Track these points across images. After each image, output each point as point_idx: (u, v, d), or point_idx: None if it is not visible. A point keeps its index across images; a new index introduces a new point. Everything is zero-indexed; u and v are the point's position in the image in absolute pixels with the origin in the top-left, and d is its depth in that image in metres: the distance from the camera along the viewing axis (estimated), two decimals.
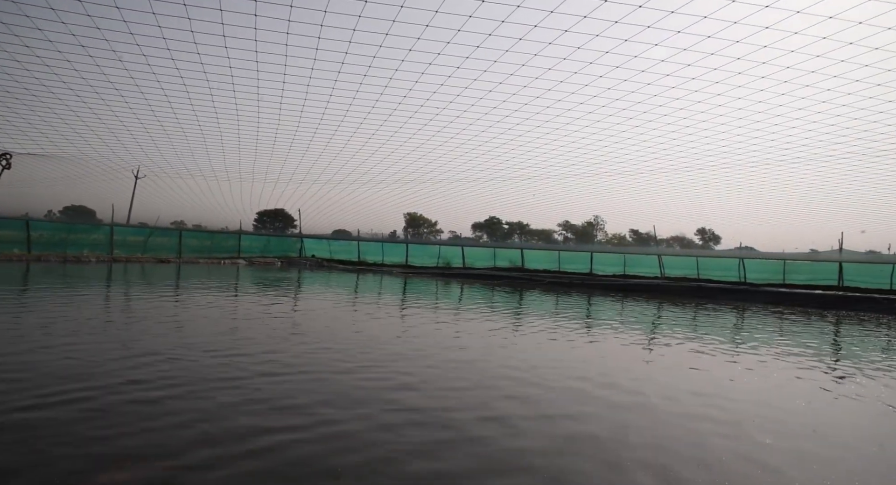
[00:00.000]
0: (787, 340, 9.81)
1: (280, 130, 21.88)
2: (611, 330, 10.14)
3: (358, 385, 5.08)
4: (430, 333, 8.74)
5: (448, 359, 6.56)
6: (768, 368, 7.12)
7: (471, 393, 5.02)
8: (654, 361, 7.29)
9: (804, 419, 4.71)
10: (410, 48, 13.57)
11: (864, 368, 7.39)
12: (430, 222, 73.28)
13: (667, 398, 5.15)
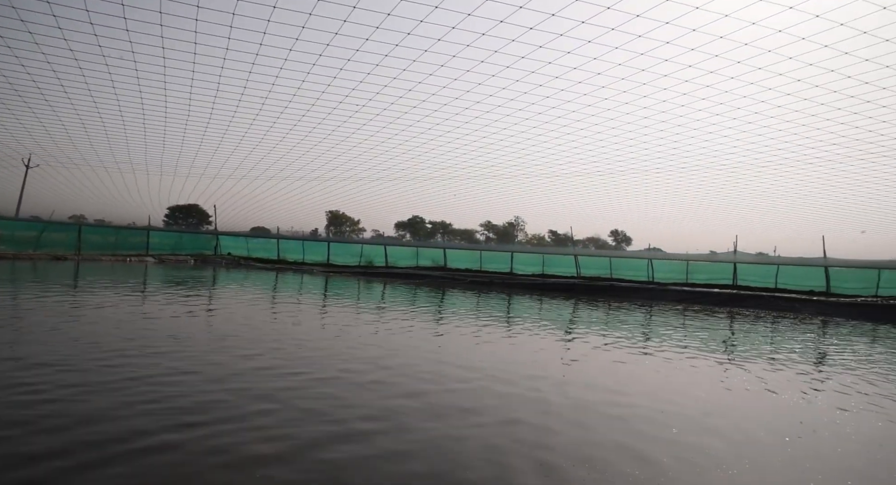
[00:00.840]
0: (683, 335, 10.44)
1: (191, 122, 20.65)
2: (522, 327, 10.35)
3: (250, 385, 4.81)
4: (339, 332, 8.52)
5: (359, 357, 6.39)
6: (662, 360, 7.52)
7: (370, 393, 4.90)
8: (553, 354, 7.49)
9: (700, 409, 4.98)
10: (328, 43, 13.24)
11: (749, 357, 7.99)
12: (352, 221, 72.23)
13: (560, 392, 5.28)
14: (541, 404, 4.91)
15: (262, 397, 4.63)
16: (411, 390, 5.19)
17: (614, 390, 5.68)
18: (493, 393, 5.23)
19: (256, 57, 14.34)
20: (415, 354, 7.11)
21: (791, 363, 8.04)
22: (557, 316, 13.46)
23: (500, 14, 11.12)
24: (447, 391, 5.21)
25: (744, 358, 8.35)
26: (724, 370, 7.26)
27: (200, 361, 5.82)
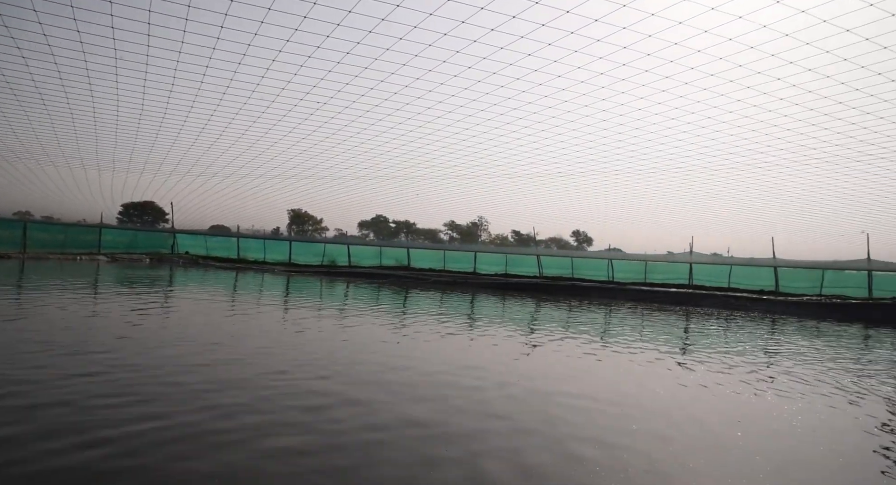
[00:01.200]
0: (636, 332, 10.69)
1: (145, 116, 19.94)
2: (472, 325, 10.41)
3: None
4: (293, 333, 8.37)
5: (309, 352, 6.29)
6: (606, 356, 7.68)
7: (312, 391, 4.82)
8: (504, 350, 7.57)
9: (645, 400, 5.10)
10: (288, 39, 12.98)
11: (691, 353, 8.24)
12: (315, 220, 71.21)
13: (500, 385, 5.32)
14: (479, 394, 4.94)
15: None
16: (353, 398, 5.14)
17: (549, 384, 5.75)
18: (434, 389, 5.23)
19: (214, 51, 13.96)
20: (359, 350, 7.06)
21: (731, 359, 8.33)
22: (518, 315, 13.59)
23: (461, 14, 11.14)
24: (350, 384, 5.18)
25: (686, 354, 8.60)
26: (662, 365, 7.45)
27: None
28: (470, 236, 71.97)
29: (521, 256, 28.32)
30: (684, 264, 24.57)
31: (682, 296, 22.79)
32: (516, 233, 71.37)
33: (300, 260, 31.89)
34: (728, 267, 24.03)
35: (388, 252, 31.71)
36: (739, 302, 21.56)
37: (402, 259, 30.50)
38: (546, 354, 8.16)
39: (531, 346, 8.84)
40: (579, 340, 9.43)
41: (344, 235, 44.20)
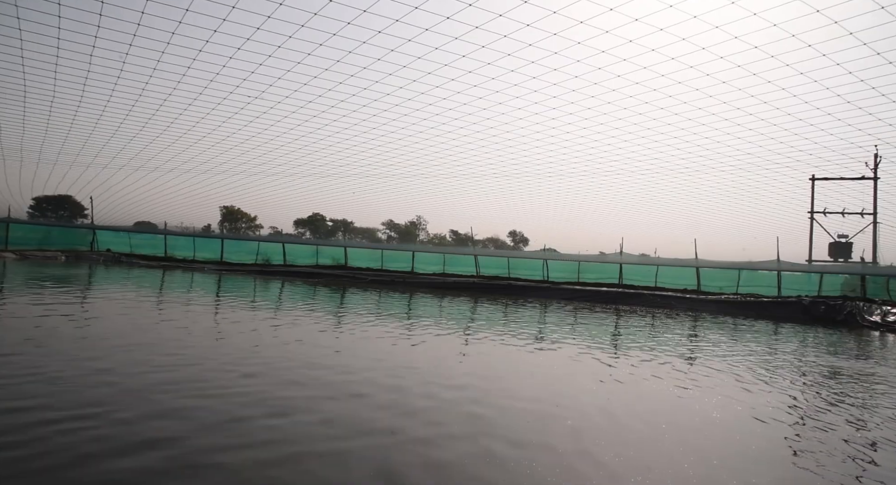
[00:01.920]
0: (565, 331, 10.97)
1: (57, 103, 18.56)
2: (420, 325, 10.35)
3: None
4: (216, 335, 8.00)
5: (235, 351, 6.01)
6: (538, 354, 7.84)
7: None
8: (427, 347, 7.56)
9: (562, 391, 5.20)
10: (216, 29, 12.44)
11: (609, 348, 8.55)
12: (249, 217, 68.72)
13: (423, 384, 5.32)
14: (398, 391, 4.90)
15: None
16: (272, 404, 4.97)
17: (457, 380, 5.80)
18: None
19: (134, 38, 13.18)
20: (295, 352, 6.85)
21: (650, 354, 8.70)
22: (454, 314, 13.64)
23: (396, 13, 11.05)
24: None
25: (608, 350, 8.90)
26: (585, 361, 7.68)
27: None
28: (408, 236, 71.52)
29: (459, 256, 28.48)
30: (615, 265, 25.49)
31: (612, 295, 23.64)
32: (454, 232, 71.65)
33: (233, 259, 30.78)
34: (655, 267, 25.12)
35: (326, 251, 31.12)
36: (665, 300, 22.62)
37: (339, 258, 30.02)
38: (472, 352, 8.21)
39: (460, 344, 8.87)
40: (508, 338, 9.56)
41: (279, 234, 42.93)
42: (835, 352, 10.88)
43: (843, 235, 26.20)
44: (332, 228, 70.86)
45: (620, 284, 25.21)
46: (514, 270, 26.99)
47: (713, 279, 24.67)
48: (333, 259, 30.23)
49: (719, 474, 3.73)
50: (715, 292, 23.68)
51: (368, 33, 11.96)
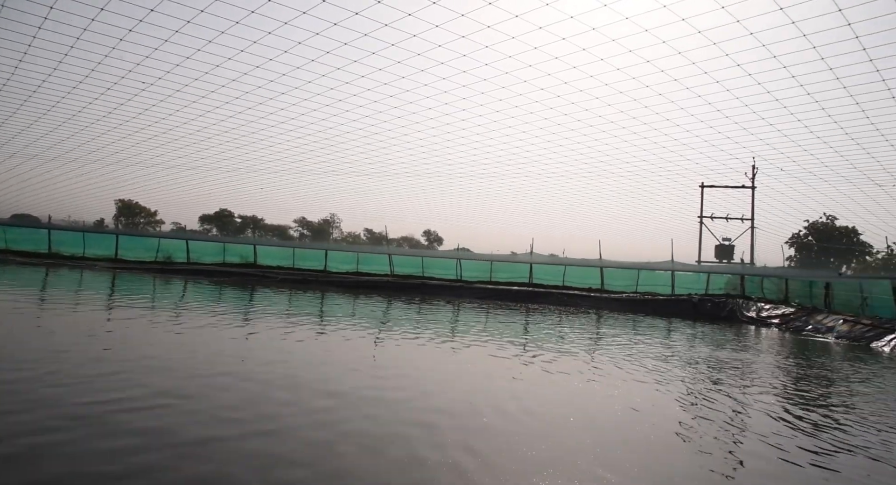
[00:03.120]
0: (473, 328, 11.13)
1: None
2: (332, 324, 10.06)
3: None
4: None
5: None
6: (439, 352, 7.88)
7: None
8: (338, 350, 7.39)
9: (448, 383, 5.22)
10: (103, 7, 11.41)
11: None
12: (148, 212, 63.85)
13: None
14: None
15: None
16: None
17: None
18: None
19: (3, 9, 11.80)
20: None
21: (548, 350, 9.03)
22: (366, 312, 13.43)
23: (303, 5, 10.70)
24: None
25: (509, 347, 9.12)
26: (483, 358, 7.83)
27: None
28: (322, 234, 69.49)
29: (373, 255, 28.17)
30: (525, 264, 26.30)
31: (523, 294, 24.38)
32: (369, 231, 70.55)
33: (129, 256, 28.63)
34: (563, 267, 26.20)
35: (234, 249, 29.69)
36: (572, 299, 23.65)
37: (248, 256, 28.74)
38: (367, 351, 8.10)
39: (360, 341, 8.73)
40: (411, 335, 9.54)
41: (183, 230, 40.43)
42: (718, 345, 11.87)
43: (727, 238, 28.71)
44: (240, 225, 67.31)
45: (531, 283, 26.04)
46: (428, 269, 27.11)
47: (616, 279, 26.08)
48: (242, 257, 28.93)
49: (594, 462, 3.87)
50: (617, 291, 25.07)
51: (274, 24, 11.50)
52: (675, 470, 3.94)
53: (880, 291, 17.78)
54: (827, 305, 19.85)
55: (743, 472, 3.98)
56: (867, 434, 5.18)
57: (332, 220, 70.30)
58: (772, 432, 5.05)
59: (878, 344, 13.64)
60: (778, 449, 4.52)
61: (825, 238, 35.47)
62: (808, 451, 4.53)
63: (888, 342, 13.52)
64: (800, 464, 4.19)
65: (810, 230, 36.43)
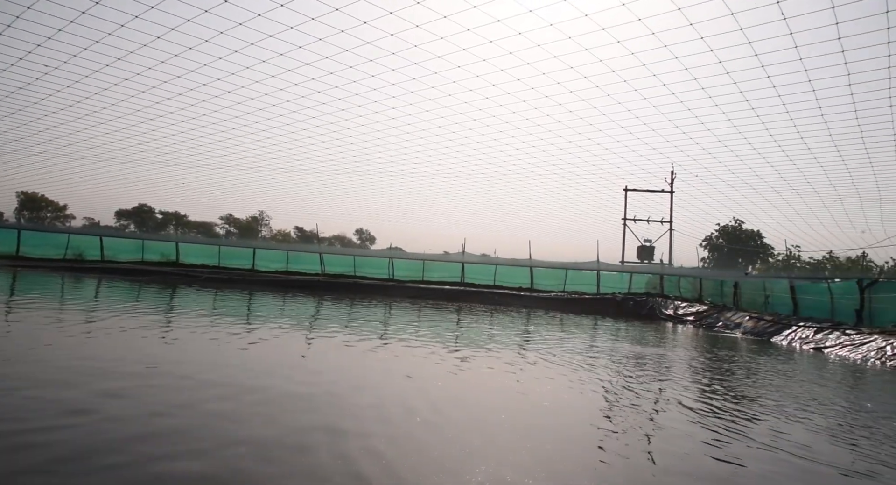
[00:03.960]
0: (400, 327, 11.10)
1: None
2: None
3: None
4: None
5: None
6: (343, 347, 7.80)
7: None
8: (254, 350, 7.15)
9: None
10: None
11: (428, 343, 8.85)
12: (56, 206, 59.04)
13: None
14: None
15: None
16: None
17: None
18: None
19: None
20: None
21: (474, 348, 9.17)
22: (292, 312, 13.07)
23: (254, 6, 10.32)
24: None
25: (432, 345, 9.18)
26: (407, 356, 7.84)
27: None
28: (250, 232, 66.76)
29: (303, 254, 27.55)
30: (457, 264, 26.59)
31: (454, 293, 24.62)
32: (299, 229, 68.52)
33: (34, 253, 26.51)
34: (494, 267, 26.70)
35: (154, 246, 28.14)
36: (503, 298, 24.13)
37: (170, 254, 27.32)
38: (286, 350, 7.90)
39: (279, 341, 8.49)
40: (336, 334, 9.39)
41: (96, 226, 37.77)
42: (637, 341, 12.49)
43: (648, 239, 30.30)
44: (162, 221, 63.44)
45: (463, 282, 26.34)
46: (360, 268, 26.85)
47: (545, 278, 26.85)
48: (163, 255, 27.48)
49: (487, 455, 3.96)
50: (546, 290, 25.82)
51: (195, 11, 10.97)
52: (584, 465, 4.08)
53: (780, 290, 19.30)
54: (735, 303, 21.34)
55: (653, 461, 4.19)
56: (765, 422, 5.62)
57: (261, 217, 67.77)
58: (681, 421, 5.36)
59: (777, 338, 14.82)
60: (688, 437, 4.80)
61: (734, 240, 38.23)
62: (713, 439, 4.85)
63: (786, 336, 14.72)
64: (707, 452, 4.47)
65: (721, 233, 39.15)
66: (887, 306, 14.46)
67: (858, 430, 5.48)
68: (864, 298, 14.95)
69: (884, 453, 4.71)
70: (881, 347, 11.86)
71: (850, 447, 4.83)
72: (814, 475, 4.05)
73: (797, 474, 4.03)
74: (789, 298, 17.98)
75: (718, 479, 3.82)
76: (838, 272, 27.48)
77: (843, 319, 15.33)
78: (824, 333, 13.85)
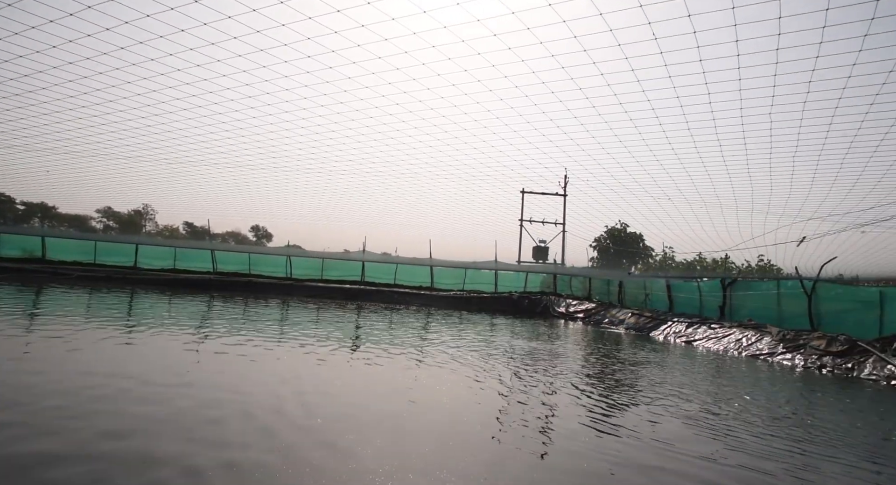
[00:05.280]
0: (294, 327, 10.83)
1: None
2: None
3: None
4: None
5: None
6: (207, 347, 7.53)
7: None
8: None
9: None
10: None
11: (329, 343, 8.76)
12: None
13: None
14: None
15: None
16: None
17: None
18: None
19: None
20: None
21: (368, 346, 9.18)
22: (177, 312, 12.25)
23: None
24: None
25: (330, 344, 9.07)
26: (297, 357, 7.70)
27: None
28: (132, 226, 61.10)
29: (193, 251, 25.88)
30: (358, 262, 26.31)
31: (354, 292, 24.37)
32: (189, 225, 63.83)
33: None
34: (395, 266, 26.71)
35: (13, 241, 25.16)
36: (403, 297, 24.24)
37: (34, 250, 24.54)
38: (159, 355, 7.45)
39: (152, 345, 7.98)
40: (222, 336, 8.98)
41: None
42: (532, 337, 13.11)
43: (543, 240, 31.84)
44: (24, 212, 56.03)
45: (363, 281, 26.14)
46: (256, 266, 25.77)
47: (445, 277, 27.30)
48: (26, 251, 24.65)
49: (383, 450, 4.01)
50: (446, 289, 26.28)
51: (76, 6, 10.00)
52: (481, 454, 4.23)
53: (658, 288, 21.01)
54: (620, 301, 22.99)
55: (545, 452, 4.44)
56: (643, 404, 6.15)
57: (145, 211, 62.17)
58: (569, 405, 5.72)
59: (655, 333, 16.15)
60: (576, 418, 5.14)
61: (620, 242, 41.25)
62: (596, 419, 5.22)
63: (662, 331, 16.09)
64: (596, 433, 4.81)
65: (608, 235, 42.08)
66: (744, 303, 16.11)
67: (720, 405, 6.17)
68: (726, 296, 16.57)
69: (731, 417, 5.36)
70: (738, 339, 13.33)
71: (710, 427, 5.44)
72: (680, 444, 4.52)
73: (660, 449, 4.48)
74: (666, 296, 19.56)
75: (603, 451, 4.19)
76: (706, 272, 30.47)
77: (710, 314, 16.84)
78: (694, 328, 15.25)
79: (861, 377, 9.63)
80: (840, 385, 8.77)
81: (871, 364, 9.97)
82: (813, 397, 7.56)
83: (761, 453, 4.46)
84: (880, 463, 4.47)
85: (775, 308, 14.87)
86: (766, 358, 11.72)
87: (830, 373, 10.05)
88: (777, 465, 4.20)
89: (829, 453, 4.61)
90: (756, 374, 9.59)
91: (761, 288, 16.63)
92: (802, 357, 11.18)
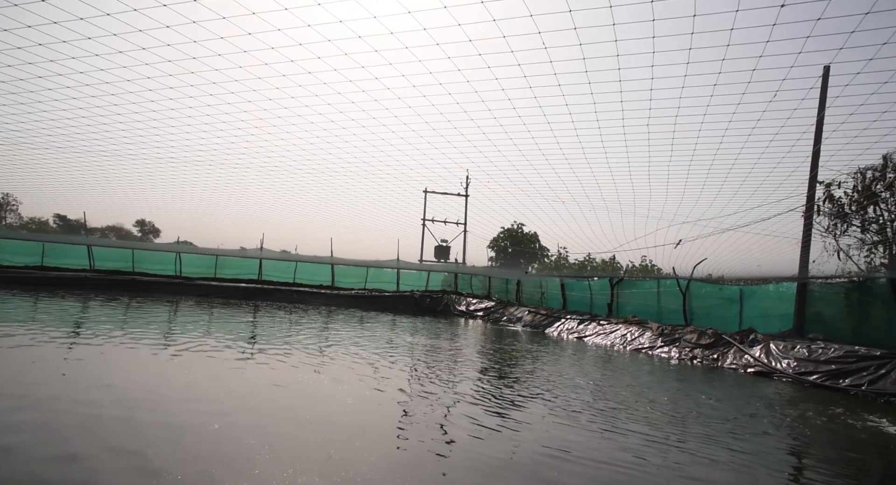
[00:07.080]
0: (181, 329, 10.30)
1: None
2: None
3: None
4: None
5: None
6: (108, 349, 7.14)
7: None
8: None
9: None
10: None
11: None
12: None
13: None
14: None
15: None
16: None
17: None
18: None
19: None
20: None
21: (263, 347, 9.02)
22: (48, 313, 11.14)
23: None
24: None
25: (219, 347, 8.80)
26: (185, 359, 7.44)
27: None
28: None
29: (66, 246, 23.45)
30: (255, 260, 25.35)
31: (251, 291, 23.48)
32: (61, 218, 57.32)
33: None
34: (295, 264, 26.04)
35: None
36: (303, 296, 23.71)
37: None
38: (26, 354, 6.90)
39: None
40: (93, 339, 8.40)
41: None
42: (434, 335, 13.49)
43: (445, 239, 32.57)
44: None
45: (261, 280, 25.26)
46: (141, 263, 23.95)
47: (347, 276, 27.08)
48: None
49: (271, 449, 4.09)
50: (347, 288, 26.10)
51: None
52: (384, 451, 4.42)
53: (553, 287, 22.27)
54: (518, 300, 24.13)
55: (447, 449, 4.71)
56: (540, 397, 6.65)
57: (5, 201, 54.58)
58: (469, 399, 6.08)
59: (550, 330, 17.15)
60: (473, 411, 5.48)
61: (517, 242, 43.22)
62: (493, 411, 5.60)
63: (556, 328, 17.13)
64: (493, 428, 5.16)
65: (506, 235, 43.92)
66: (629, 301, 17.45)
67: (606, 396, 6.86)
68: (614, 294, 17.91)
69: (609, 397, 6.02)
70: (623, 334, 14.53)
71: (598, 409, 6.06)
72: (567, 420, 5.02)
73: (556, 429, 4.96)
74: (560, 295, 20.75)
75: (501, 439, 4.57)
76: (596, 272, 32.86)
77: (599, 311, 18.00)
78: (584, 324, 16.33)
79: (724, 366, 11.05)
80: (708, 374, 10.06)
81: (732, 354, 11.41)
82: (683, 385, 8.65)
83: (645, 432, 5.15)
84: (736, 435, 5.34)
85: (656, 305, 16.37)
86: (647, 352, 12.93)
87: (700, 363, 11.43)
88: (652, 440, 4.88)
89: (696, 431, 5.42)
90: (638, 367, 10.66)
91: (644, 287, 17.98)
92: (678, 350, 12.46)
